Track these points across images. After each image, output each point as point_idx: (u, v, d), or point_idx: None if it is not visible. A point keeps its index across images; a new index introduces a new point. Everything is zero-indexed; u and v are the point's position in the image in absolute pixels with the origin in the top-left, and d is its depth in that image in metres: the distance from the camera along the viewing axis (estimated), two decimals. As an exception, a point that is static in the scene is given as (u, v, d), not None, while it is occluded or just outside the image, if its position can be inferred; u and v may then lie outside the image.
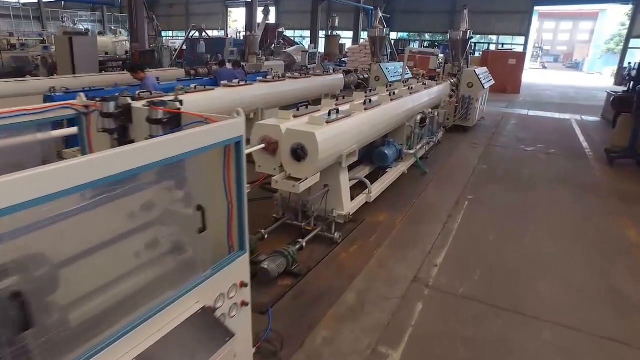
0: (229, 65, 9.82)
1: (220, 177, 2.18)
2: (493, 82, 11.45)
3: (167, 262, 2.03)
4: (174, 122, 2.38)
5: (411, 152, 6.53)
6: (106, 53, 16.45)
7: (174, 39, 28.29)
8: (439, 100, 8.21)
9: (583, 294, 3.87)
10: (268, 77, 7.87)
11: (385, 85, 7.02)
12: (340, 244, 4.55)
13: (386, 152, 6.05)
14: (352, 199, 5.11)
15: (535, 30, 39.02)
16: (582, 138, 9.93)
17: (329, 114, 4.39)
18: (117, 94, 2.85)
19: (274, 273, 3.76)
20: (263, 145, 4.13)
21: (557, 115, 13.10)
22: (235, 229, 2.32)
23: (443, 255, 4.44)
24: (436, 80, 8.76)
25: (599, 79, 30.59)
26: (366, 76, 11.39)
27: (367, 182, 5.15)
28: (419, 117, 6.62)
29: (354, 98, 5.71)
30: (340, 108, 4.80)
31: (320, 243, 4.50)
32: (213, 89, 6.38)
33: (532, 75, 29.38)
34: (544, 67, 43.81)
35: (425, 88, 7.27)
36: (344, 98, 5.54)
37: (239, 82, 6.90)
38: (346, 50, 17.75)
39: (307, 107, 4.73)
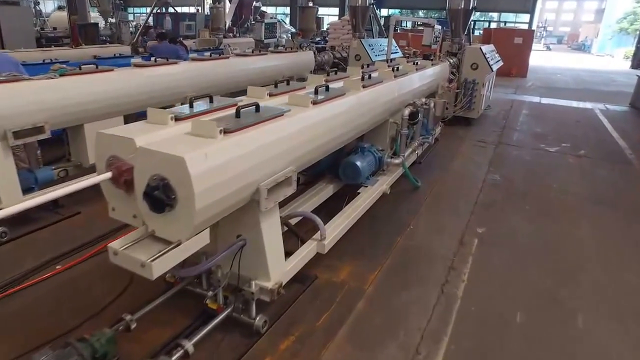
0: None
1: None
2: (502, 63, 9.48)
3: None
4: None
5: (397, 161, 4.60)
6: (54, 28, 14.29)
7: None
8: (436, 85, 6.20)
9: None
10: (206, 54, 5.83)
11: (361, 66, 5.01)
12: (266, 334, 2.68)
13: (358, 163, 4.10)
14: (301, 240, 3.22)
15: (538, 9, 36.48)
16: (615, 134, 7.93)
17: (237, 113, 2.43)
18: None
19: None
20: (109, 175, 2.20)
21: (575, 104, 11.09)
22: None
23: (441, 358, 2.58)
24: (432, 60, 6.74)
25: (611, 62, 28.43)
26: (345, 54, 9.32)
27: (318, 220, 3.17)
28: (407, 111, 4.65)
29: (305, 84, 3.71)
30: (269, 103, 2.84)
31: (232, 332, 2.65)
32: (111, 70, 4.40)
33: (537, 57, 27.18)
34: (549, 49, 41.32)
35: (417, 69, 5.29)
36: (288, 84, 3.57)
37: (155, 61, 4.90)
38: (327, 24, 15.46)
39: (211, 101, 2.77)
